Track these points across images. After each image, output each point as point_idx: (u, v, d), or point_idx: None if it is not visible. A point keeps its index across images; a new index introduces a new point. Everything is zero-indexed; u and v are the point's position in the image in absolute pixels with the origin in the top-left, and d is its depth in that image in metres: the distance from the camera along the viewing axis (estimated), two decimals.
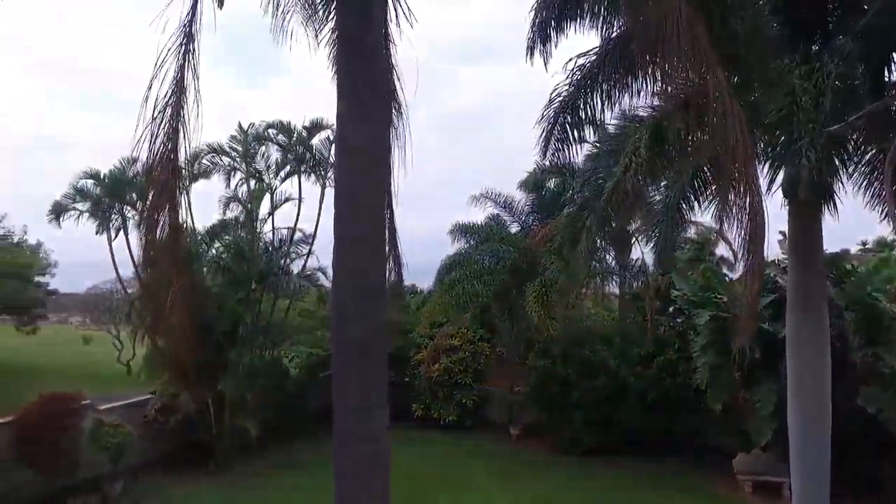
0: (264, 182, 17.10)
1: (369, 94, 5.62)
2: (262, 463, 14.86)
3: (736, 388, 12.41)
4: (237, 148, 16.81)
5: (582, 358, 15.65)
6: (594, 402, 15.24)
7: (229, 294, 15.57)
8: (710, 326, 12.34)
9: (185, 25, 5.54)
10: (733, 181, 4.90)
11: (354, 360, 5.46)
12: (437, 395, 17.93)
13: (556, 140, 8.09)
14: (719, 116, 4.81)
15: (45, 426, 12.02)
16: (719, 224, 5.53)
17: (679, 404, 14.49)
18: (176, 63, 5.46)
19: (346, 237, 5.56)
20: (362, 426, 5.45)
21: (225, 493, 13.19)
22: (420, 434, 16.92)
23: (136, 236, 16.11)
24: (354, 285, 5.51)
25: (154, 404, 14.44)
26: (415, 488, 12.58)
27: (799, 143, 6.37)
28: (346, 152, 5.72)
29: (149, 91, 5.29)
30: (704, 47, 4.74)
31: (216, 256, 16.21)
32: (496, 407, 18.34)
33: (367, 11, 5.59)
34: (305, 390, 16.74)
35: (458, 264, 17.68)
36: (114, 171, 16.20)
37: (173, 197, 5.57)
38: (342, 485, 5.52)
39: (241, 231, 16.38)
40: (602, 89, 7.57)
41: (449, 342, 18.03)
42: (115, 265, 17.05)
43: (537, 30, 8.05)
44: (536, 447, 16.36)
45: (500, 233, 18.44)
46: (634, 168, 7.01)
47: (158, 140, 5.40)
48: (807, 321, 8.22)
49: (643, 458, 14.83)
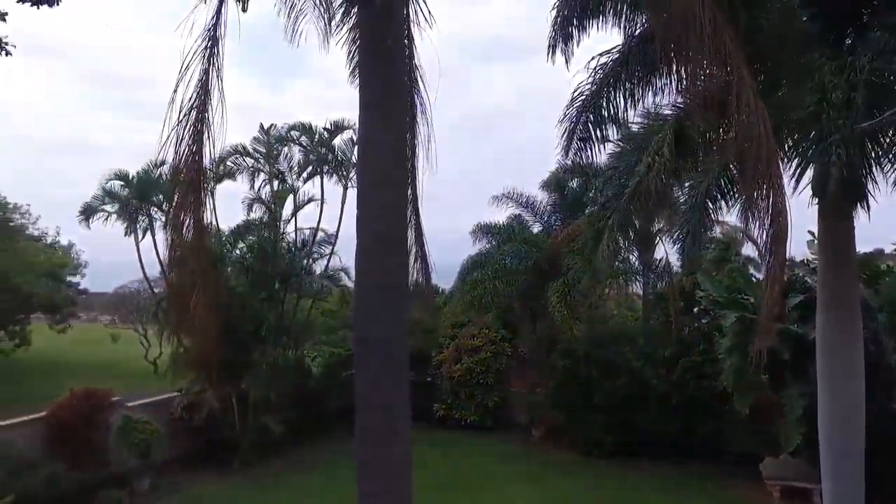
0: (287, 183, 17.29)
1: (391, 93, 5.65)
2: (284, 462, 15.02)
3: (763, 391, 12.17)
4: (260, 149, 17.03)
5: (604, 359, 15.51)
6: (617, 403, 15.10)
7: (253, 294, 15.79)
8: (736, 328, 12.12)
9: (210, 29, 5.62)
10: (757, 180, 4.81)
11: (377, 360, 5.49)
12: (459, 396, 17.93)
13: (578, 139, 8.02)
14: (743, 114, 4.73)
15: (76, 422, 12.35)
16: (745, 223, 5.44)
17: (704, 407, 14.27)
18: (200, 66, 5.55)
19: (368, 237, 5.59)
20: (384, 426, 5.47)
21: (249, 491, 13.37)
22: (442, 434, 16.94)
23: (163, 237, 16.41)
24: (377, 285, 5.54)
25: (180, 402, 14.72)
26: (437, 489, 12.60)
27: (829, 140, 6.22)
28: (368, 152, 5.76)
29: (174, 94, 5.39)
30: (728, 44, 4.66)
31: (240, 257, 16.45)
32: (518, 408, 18.26)
33: (388, 12, 5.62)
34: (327, 390, 16.88)
35: (480, 264, 17.67)
36: (141, 173, 16.54)
37: (199, 198, 5.66)
38: (365, 485, 5.55)
39: (264, 232, 16.58)
40: (625, 87, 7.50)
41: (471, 342, 18.02)
42: (142, 265, 17.39)
43: (559, 28, 7.99)
44: (559, 449, 16.26)
45: (522, 233, 18.37)
46: (657, 167, 6.92)
47: (184, 142, 5.49)
48: (838, 322, 8.01)
49: (667, 461, 14.64)
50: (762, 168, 4.73)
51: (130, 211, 16.53)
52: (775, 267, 5.00)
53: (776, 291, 5.36)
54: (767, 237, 4.91)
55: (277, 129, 17.25)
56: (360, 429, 5.54)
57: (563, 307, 15.31)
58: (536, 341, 17.93)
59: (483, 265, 17.56)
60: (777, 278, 5.11)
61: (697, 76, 5.09)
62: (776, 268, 5.00)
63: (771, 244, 4.91)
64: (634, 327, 17.82)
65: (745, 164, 5.03)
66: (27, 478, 11.00)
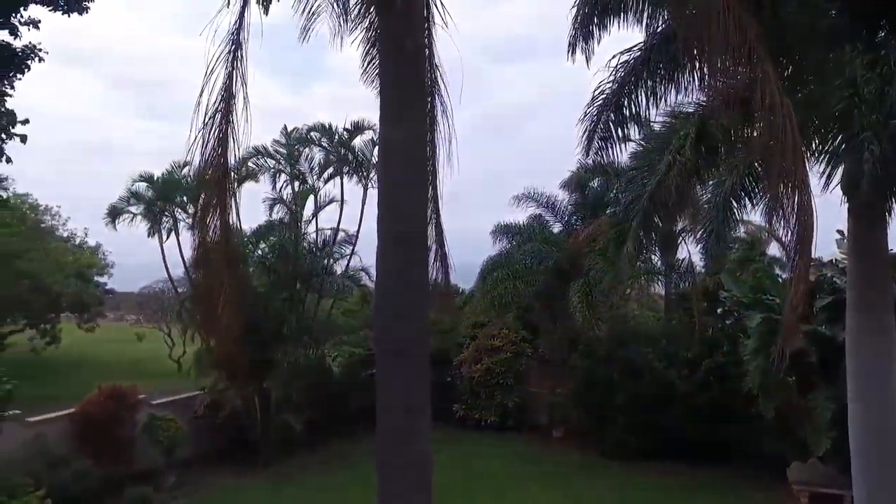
0: (308, 184, 17.44)
1: (412, 94, 5.67)
2: (305, 460, 15.16)
3: (790, 394, 11.92)
4: (281, 150, 17.20)
5: (626, 359, 15.36)
6: (639, 405, 14.94)
7: (275, 294, 15.95)
8: (762, 329, 11.88)
9: (233, 34, 5.70)
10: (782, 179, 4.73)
11: (397, 360, 5.51)
12: (479, 396, 17.90)
13: (599, 138, 7.94)
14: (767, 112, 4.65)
15: (104, 419, 12.63)
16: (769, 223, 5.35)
17: (728, 409, 14.04)
18: (224, 70, 5.63)
19: (389, 237, 5.61)
20: (405, 426, 5.49)
21: (271, 488, 13.52)
22: (461, 434, 16.93)
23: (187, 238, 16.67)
24: (397, 285, 5.56)
25: (203, 401, 14.94)
26: (458, 489, 12.60)
27: (861, 137, 6.07)
28: (389, 152, 5.78)
29: (200, 98, 5.48)
30: (752, 40, 4.59)
31: (262, 257, 16.64)
32: (538, 408, 18.18)
33: (408, 13, 5.63)
34: (348, 389, 16.99)
35: (500, 264, 17.64)
36: (165, 174, 16.82)
37: (225, 199, 5.75)
38: (385, 484, 5.57)
39: (286, 232, 16.74)
40: (647, 85, 7.39)
41: (491, 343, 18.00)
42: (167, 266, 17.67)
43: (579, 27, 7.93)
44: (579, 450, 16.15)
45: (542, 233, 18.30)
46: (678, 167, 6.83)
47: (209, 145, 5.59)
48: (869, 324, 7.80)
49: (690, 463, 14.44)
50: (787, 166, 4.65)
51: (155, 212, 16.81)
52: (801, 266, 4.91)
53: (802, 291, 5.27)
54: (793, 236, 4.82)
55: (298, 130, 17.42)
56: (380, 428, 5.57)
57: (585, 307, 15.20)
58: (557, 342, 17.84)
59: (503, 265, 17.53)
60: (803, 278, 5.02)
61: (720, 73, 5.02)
62: (802, 267, 4.91)
63: (796, 244, 4.82)
64: (657, 328, 17.62)
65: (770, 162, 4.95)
66: (58, 472, 11.28)
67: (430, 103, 6.53)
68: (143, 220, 17.04)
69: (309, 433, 15.28)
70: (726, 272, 14.47)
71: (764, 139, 4.98)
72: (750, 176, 7.85)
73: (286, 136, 17.32)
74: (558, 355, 17.70)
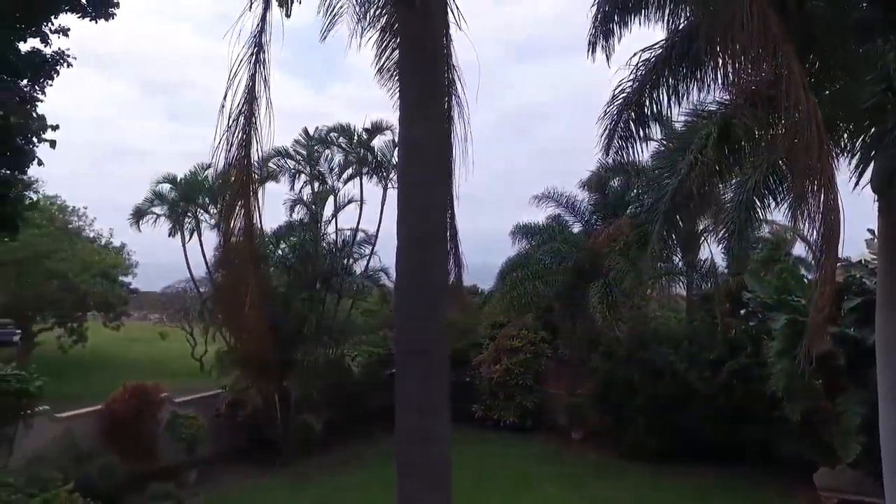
0: (328, 184, 17.57)
1: (430, 94, 5.68)
2: (325, 459, 15.25)
3: (817, 397, 11.67)
4: (301, 151, 17.35)
5: (647, 360, 15.19)
6: (660, 406, 14.76)
7: (295, 294, 16.08)
8: (787, 331, 11.64)
9: (255, 36, 5.77)
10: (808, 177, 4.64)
11: (417, 359, 5.52)
12: (498, 397, 17.86)
13: (619, 137, 7.86)
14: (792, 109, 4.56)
15: (128, 416, 12.87)
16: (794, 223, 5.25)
17: (751, 412, 13.80)
18: (247, 73, 5.70)
19: (408, 238, 5.63)
20: (425, 426, 5.50)
21: (290, 487, 13.64)
22: (480, 435, 16.90)
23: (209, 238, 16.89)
24: (417, 285, 5.57)
25: (225, 399, 15.13)
26: (477, 490, 12.58)
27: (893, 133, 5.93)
28: (408, 152, 5.80)
29: (224, 100, 5.56)
30: (777, 36, 4.50)
31: (282, 257, 16.79)
32: (558, 409, 18.07)
33: (427, 13, 5.65)
34: (367, 389, 17.07)
35: (520, 265, 17.57)
36: (189, 175, 17.07)
37: (248, 200, 5.82)
38: (405, 484, 5.59)
39: (306, 232, 16.88)
40: (668, 84, 7.29)
41: (510, 343, 17.94)
42: (189, 266, 17.91)
43: (599, 25, 7.86)
44: (599, 451, 16.01)
45: (562, 233, 18.19)
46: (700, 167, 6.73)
47: (233, 147, 5.66)
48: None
49: (712, 466, 14.22)
50: (813, 164, 4.56)
51: (178, 213, 17.06)
52: (827, 267, 4.81)
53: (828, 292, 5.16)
54: (819, 236, 4.73)
55: (318, 130, 17.56)
56: (400, 428, 5.59)
57: (605, 307, 15.07)
58: (576, 342, 17.71)
59: (523, 265, 17.45)
60: (829, 279, 4.92)
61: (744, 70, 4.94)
62: (828, 268, 4.82)
63: (823, 243, 4.73)
64: (678, 329, 17.39)
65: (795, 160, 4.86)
66: (84, 467, 11.52)
67: (447, 103, 6.53)
68: (167, 220, 17.31)
69: (328, 433, 15.37)
70: (750, 273, 14.22)
71: (789, 137, 4.89)
72: (774, 174, 7.71)
73: (306, 137, 17.47)
74: (578, 356, 17.57)
